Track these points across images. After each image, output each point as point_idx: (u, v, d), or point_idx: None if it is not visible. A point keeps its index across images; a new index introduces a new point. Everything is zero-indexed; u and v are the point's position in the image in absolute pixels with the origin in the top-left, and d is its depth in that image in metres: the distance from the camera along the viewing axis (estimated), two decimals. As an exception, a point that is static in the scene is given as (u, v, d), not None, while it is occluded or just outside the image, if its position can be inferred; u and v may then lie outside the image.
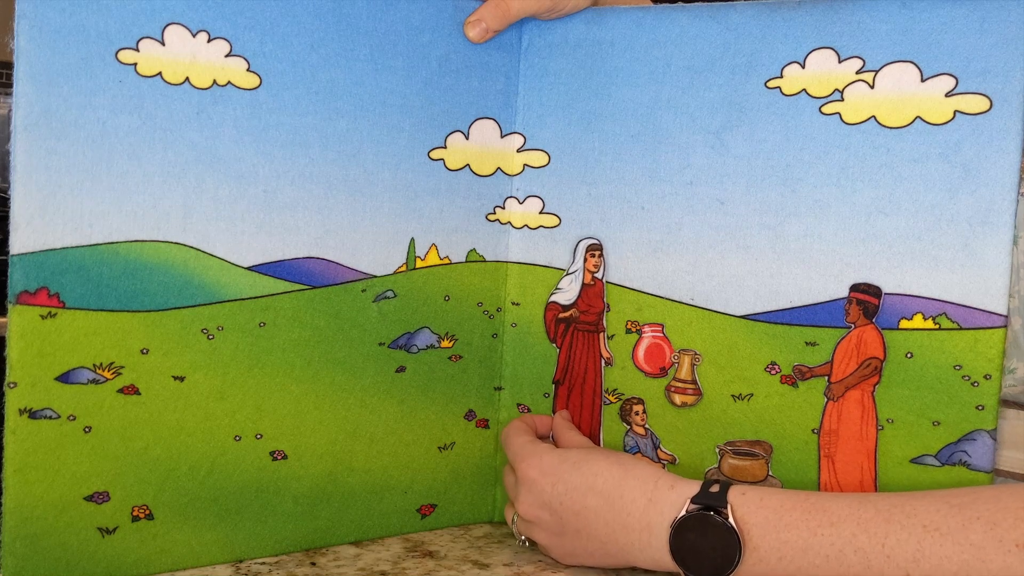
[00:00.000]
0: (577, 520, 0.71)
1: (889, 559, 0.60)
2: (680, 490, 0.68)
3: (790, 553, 0.63)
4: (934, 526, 0.59)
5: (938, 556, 0.59)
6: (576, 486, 0.71)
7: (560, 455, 0.73)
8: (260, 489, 0.74)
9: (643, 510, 0.68)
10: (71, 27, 0.64)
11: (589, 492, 0.70)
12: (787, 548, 0.63)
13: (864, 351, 0.73)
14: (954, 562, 0.58)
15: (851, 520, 0.62)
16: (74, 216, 0.65)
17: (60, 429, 0.66)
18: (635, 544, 0.68)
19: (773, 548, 0.64)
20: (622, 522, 0.69)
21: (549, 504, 0.72)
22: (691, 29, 0.78)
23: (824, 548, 0.62)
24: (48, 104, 0.64)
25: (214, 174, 0.70)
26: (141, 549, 0.70)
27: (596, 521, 0.70)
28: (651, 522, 0.68)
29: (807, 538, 0.63)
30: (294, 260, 0.74)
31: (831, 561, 0.62)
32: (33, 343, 0.65)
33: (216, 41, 0.69)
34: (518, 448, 0.76)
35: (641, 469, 0.71)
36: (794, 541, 0.63)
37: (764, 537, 0.64)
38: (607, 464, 0.71)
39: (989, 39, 0.69)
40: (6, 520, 0.66)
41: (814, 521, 0.63)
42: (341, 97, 0.75)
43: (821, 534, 0.62)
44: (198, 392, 0.71)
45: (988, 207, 0.69)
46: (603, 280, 0.82)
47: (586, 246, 0.82)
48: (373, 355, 0.78)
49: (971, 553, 0.58)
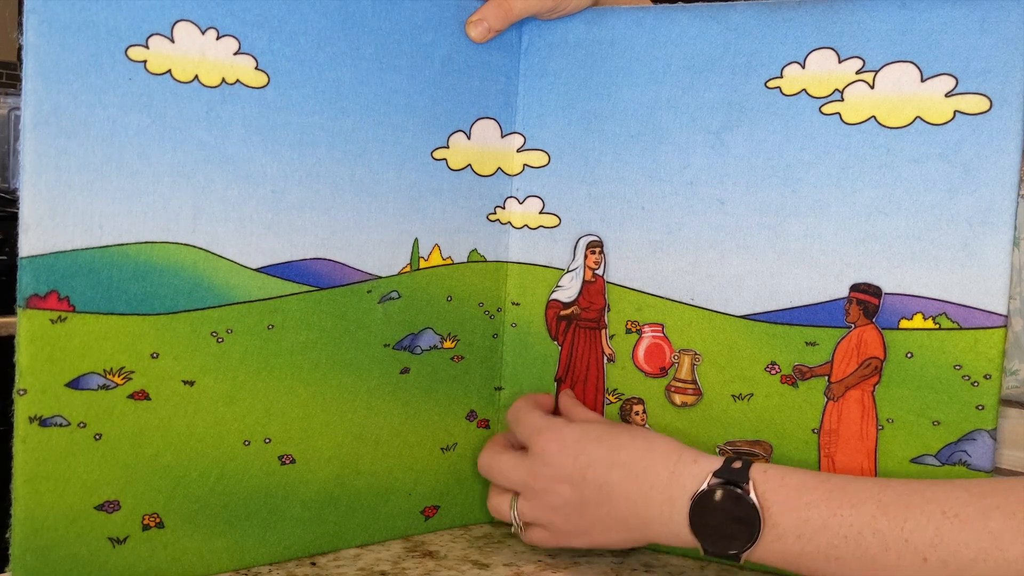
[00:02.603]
0: (599, 494, 0.70)
1: (907, 543, 0.60)
2: (703, 464, 0.68)
3: (809, 532, 0.63)
4: (953, 512, 0.60)
5: (956, 542, 0.59)
6: (599, 459, 0.70)
7: (581, 429, 0.73)
8: (269, 494, 0.73)
9: (666, 483, 0.68)
10: (81, 23, 0.62)
11: (613, 466, 0.70)
12: (806, 527, 0.63)
13: (864, 351, 0.74)
14: (972, 548, 0.59)
15: (871, 502, 0.62)
16: (84, 217, 0.63)
17: (70, 437, 0.64)
18: (656, 518, 0.68)
19: (792, 526, 0.64)
20: (644, 495, 0.69)
21: (570, 477, 0.71)
22: (691, 29, 0.78)
23: (843, 528, 0.62)
24: (58, 101, 0.62)
25: (223, 174, 0.68)
26: (152, 559, 0.69)
27: (618, 494, 0.69)
28: (673, 495, 0.68)
29: (827, 518, 0.63)
30: (302, 261, 0.73)
31: (849, 542, 0.62)
32: (43, 348, 0.63)
33: (225, 39, 0.68)
34: (534, 422, 0.75)
35: (664, 443, 0.70)
36: (814, 520, 0.63)
37: (784, 515, 0.64)
38: (630, 438, 0.71)
39: (989, 39, 0.70)
40: (16, 532, 0.64)
41: (835, 501, 0.63)
42: (347, 96, 0.74)
43: (841, 514, 0.63)
44: (208, 396, 0.69)
45: (988, 207, 0.70)
46: (604, 277, 0.82)
47: (586, 243, 0.82)
48: (378, 357, 0.78)
49: (989, 541, 0.59)
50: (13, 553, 0.64)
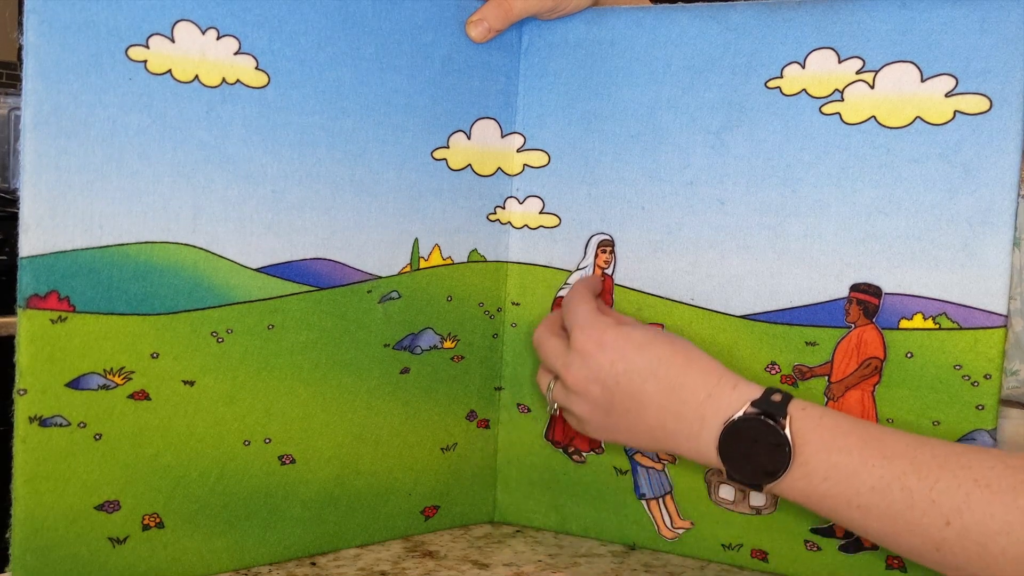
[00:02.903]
0: (630, 401, 0.69)
1: (934, 504, 0.59)
2: (742, 391, 0.67)
3: (836, 476, 0.62)
4: (985, 482, 0.59)
5: (983, 512, 0.58)
6: (637, 369, 0.69)
7: (624, 334, 0.70)
8: (269, 494, 0.73)
9: (701, 403, 0.67)
10: (81, 23, 0.62)
11: (650, 377, 0.68)
12: (835, 471, 0.62)
13: (864, 351, 0.74)
14: (997, 520, 0.58)
15: (905, 458, 0.61)
16: (84, 217, 0.63)
17: (70, 437, 0.65)
18: (683, 433, 0.67)
19: (821, 468, 0.63)
20: (676, 411, 0.68)
21: (603, 380, 0.70)
22: (691, 29, 0.78)
23: (872, 479, 0.61)
24: (58, 101, 0.62)
25: (223, 174, 0.68)
26: (152, 559, 0.69)
27: (649, 406, 0.68)
28: (705, 415, 0.66)
29: (857, 465, 0.62)
30: (302, 261, 0.73)
31: (875, 493, 0.61)
32: (43, 348, 0.63)
33: (225, 39, 0.68)
34: (582, 316, 0.72)
35: (705, 363, 0.69)
36: (844, 465, 0.62)
37: (815, 454, 0.63)
38: (671, 351, 0.69)
39: (989, 39, 0.70)
40: (16, 532, 0.64)
41: (868, 451, 0.62)
42: (347, 96, 0.74)
43: (872, 464, 0.62)
44: (208, 397, 0.70)
45: (988, 207, 0.70)
46: (612, 277, 0.82)
47: (598, 242, 0.82)
48: (378, 357, 0.78)
49: (1016, 516, 0.57)
50: (13, 553, 0.64)
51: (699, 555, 0.81)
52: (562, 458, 0.85)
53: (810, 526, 0.77)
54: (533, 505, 0.86)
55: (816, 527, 0.77)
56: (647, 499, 0.82)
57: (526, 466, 0.86)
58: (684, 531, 0.81)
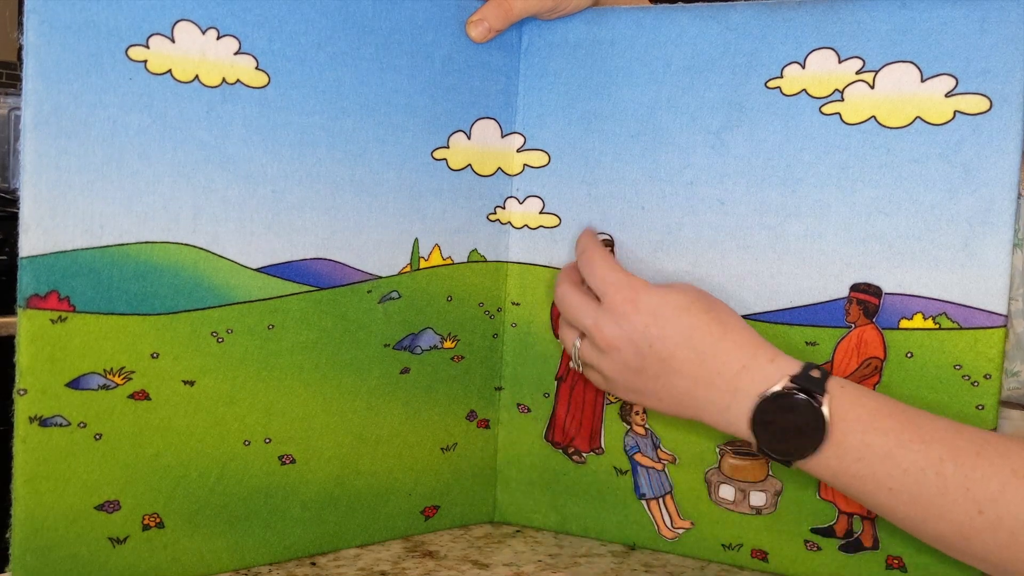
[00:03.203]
0: (661, 366, 0.68)
1: (968, 492, 0.59)
2: (779, 365, 0.65)
3: (870, 457, 0.62)
4: (1023, 473, 0.58)
5: (1018, 503, 0.58)
6: (671, 335, 0.68)
7: (661, 296, 0.69)
8: (269, 494, 0.73)
9: (735, 374, 0.66)
10: (81, 23, 0.62)
11: (684, 344, 0.67)
12: (869, 452, 0.62)
13: (864, 351, 0.74)
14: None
15: (942, 444, 0.61)
16: (84, 217, 0.63)
17: (70, 437, 0.65)
18: (714, 402, 0.66)
19: (855, 448, 0.62)
20: (708, 380, 0.67)
21: (636, 342, 0.68)
22: (691, 29, 0.78)
23: (906, 463, 0.61)
24: (58, 101, 0.62)
25: (224, 174, 0.68)
26: (152, 559, 0.69)
27: (681, 372, 0.67)
28: (739, 387, 0.65)
29: (893, 448, 0.61)
30: (302, 261, 0.73)
31: (908, 476, 0.60)
32: (43, 348, 0.63)
33: (225, 39, 0.68)
34: (614, 277, 0.71)
35: (741, 333, 0.68)
36: (879, 447, 0.61)
37: (850, 434, 0.62)
38: (707, 319, 0.68)
39: (989, 39, 0.70)
40: (16, 532, 0.64)
41: (906, 434, 0.61)
42: (347, 96, 0.74)
43: (908, 448, 0.61)
44: (208, 397, 0.70)
45: (988, 207, 0.70)
46: None
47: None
48: (379, 357, 0.78)
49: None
50: (13, 553, 0.64)
51: (699, 555, 0.81)
52: (562, 458, 0.85)
53: (810, 526, 0.77)
54: (533, 505, 0.86)
55: (816, 527, 0.77)
56: (647, 499, 0.82)
57: (526, 466, 0.86)
58: (684, 531, 0.81)
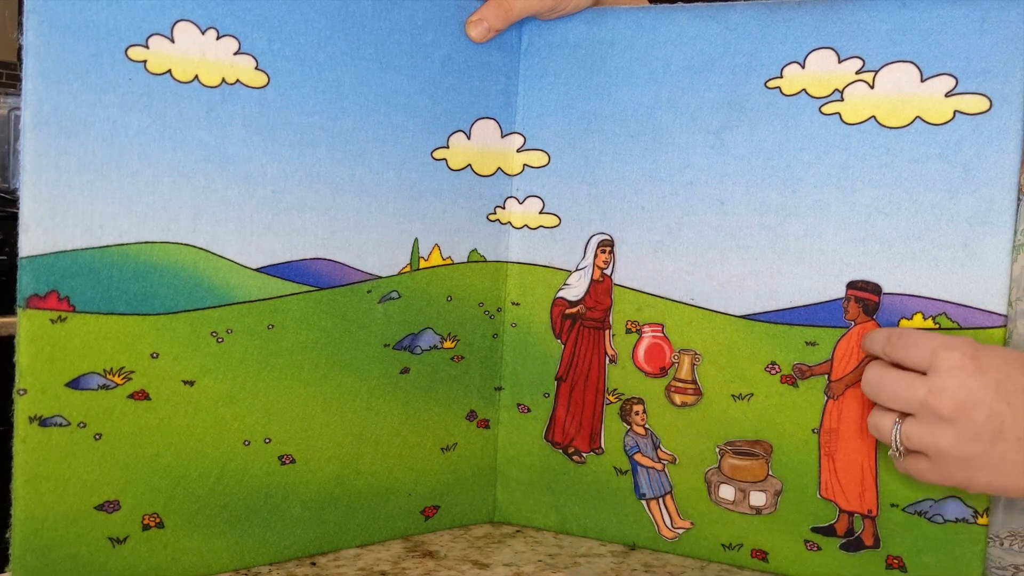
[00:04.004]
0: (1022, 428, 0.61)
1: None
2: None
3: None
4: None
5: None
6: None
7: (997, 352, 0.63)
8: (269, 494, 0.73)
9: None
10: (81, 23, 0.62)
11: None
12: None
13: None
14: None
15: None
16: (84, 217, 0.63)
17: (70, 437, 0.65)
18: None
19: None
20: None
21: (989, 403, 0.61)
22: (691, 29, 0.78)
23: None
24: (58, 101, 0.62)
25: (223, 174, 0.68)
26: (152, 559, 0.69)
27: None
28: None
29: None
30: (302, 261, 0.73)
31: None
32: (43, 348, 0.63)
33: (225, 39, 0.68)
34: (931, 339, 0.64)
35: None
36: None
37: None
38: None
39: (989, 39, 0.70)
40: (16, 532, 0.64)
41: None
42: (347, 96, 0.74)
43: None
44: (208, 397, 0.70)
45: (988, 207, 0.70)
46: (612, 277, 0.82)
47: (597, 242, 0.82)
48: (378, 356, 0.77)
49: None
50: (13, 553, 0.64)
51: (699, 555, 0.81)
52: (562, 458, 0.85)
53: (810, 525, 0.77)
54: (533, 505, 0.86)
55: (816, 526, 0.77)
56: (647, 499, 0.82)
57: (526, 466, 0.86)
58: (684, 531, 0.81)
